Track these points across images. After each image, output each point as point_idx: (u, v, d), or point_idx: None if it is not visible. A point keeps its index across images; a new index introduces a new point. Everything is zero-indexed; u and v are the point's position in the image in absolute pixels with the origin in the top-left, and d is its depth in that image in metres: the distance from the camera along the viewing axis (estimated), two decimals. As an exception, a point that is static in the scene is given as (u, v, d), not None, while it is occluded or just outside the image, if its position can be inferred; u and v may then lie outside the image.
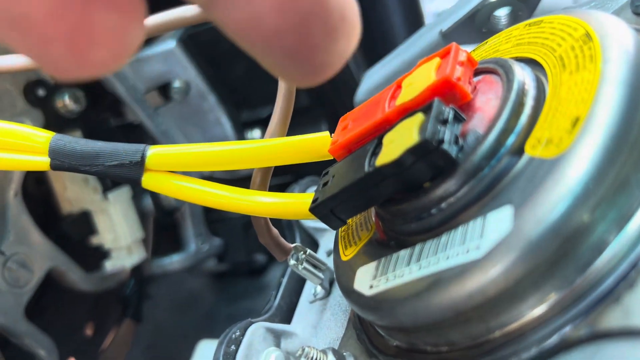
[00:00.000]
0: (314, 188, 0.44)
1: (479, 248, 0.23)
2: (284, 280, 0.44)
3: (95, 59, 0.18)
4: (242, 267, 0.64)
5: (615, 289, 0.22)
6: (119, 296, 0.59)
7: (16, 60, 0.41)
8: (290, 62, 0.20)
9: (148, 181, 0.35)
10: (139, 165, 0.35)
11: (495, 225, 0.23)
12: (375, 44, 0.67)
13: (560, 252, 0.22)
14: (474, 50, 0.35)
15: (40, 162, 0.36)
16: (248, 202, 0.34)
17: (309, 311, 0.41)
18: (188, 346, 0.59)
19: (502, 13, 0.43)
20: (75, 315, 0.57)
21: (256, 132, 0.61)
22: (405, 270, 0.26)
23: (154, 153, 0.35)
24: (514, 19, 0.42)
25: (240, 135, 0.61)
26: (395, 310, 0.26)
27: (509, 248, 0.22)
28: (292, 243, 0.50)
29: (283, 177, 0.63)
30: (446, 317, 0.24)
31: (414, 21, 0.69)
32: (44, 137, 0.36)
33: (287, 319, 0.42)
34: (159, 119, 0.56)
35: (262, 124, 0.61)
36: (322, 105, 0.55)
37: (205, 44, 0.60)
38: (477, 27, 0.43)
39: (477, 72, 0.30)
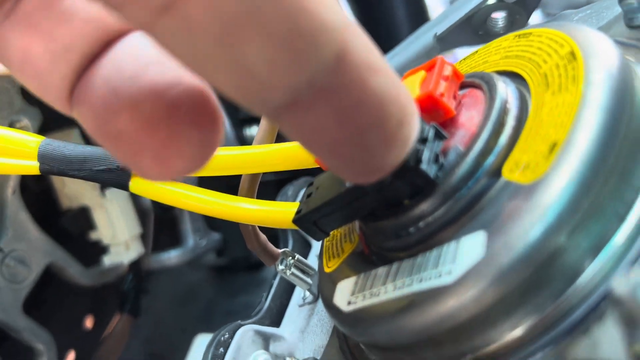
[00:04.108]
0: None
1: (450, 273, 0.23)
2: (275, 282, 0.44)
3: (179, 169, 0.19)
4: (240, 262, 0.64)
5: (585, 319, 0.21)
6: (117, 290, 0.59)
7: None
8: (346, 166, 0.20)
9: (135, 186, 0.36)
10: (126, 170, 0.35)
11: (468, 250, 0.23)
12: (379, 40, 0.66)
13: (532, 281, 0.22)
14: (464, 59, 0.34)
15: (30, 166, 0.36)
16: (234, 209, 0.35)
17: (298, 315, 0.41)
18: (186, 340, 0.60)
19: (499, 16, 0.42)
20: (74, 309, 0.58)
21: (254, 129, 0.60)
22: (381, 289, 0.26)
23: (141, 159, 0.35)
24: (511, 22, 0.42)
25: (238, 132, 0.61)
26: (370, 329, 0.26)
27: (480, 275, 0.22)
28: (287, 242, 0.50)
29: (281, 173, 0.63)
30: (419, 339, 0.24)
31: (418, 17, 0.68)
32: (34, 141, 0.36)
33: (277, 322, 0.43)
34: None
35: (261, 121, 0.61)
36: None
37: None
38: (473, 29, 0.42)
39: (463, 86, 0.30)
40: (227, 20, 0.15)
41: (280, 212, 0.34)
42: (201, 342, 0.58)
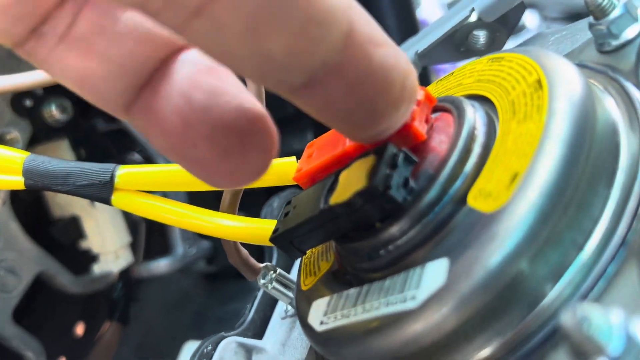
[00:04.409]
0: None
1: (414, 298, 0.23)
2: (259, 294, 0.45)
3: (247, 181, 0.23)
4: (231, 270, 0.64)
5: (542, 346, 0.22)
6: (108, 298, 0.60)
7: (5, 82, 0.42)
8: (358, 130, 0.24)
9: (118, 200, 0.36)
10: (109, 184, 0.36)
11: (431, 276, 0.23)
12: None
13: (492, 307, 0.22)
14: (440, 80, 0.35)
15: (16, 181, 0.37)
16: (214, 225, 0.35)
17: (280, 327, 0.42)
18: (176, 347, 0.60)
19: (480, 33, 0.42)
20: (64, 317, 0.59)
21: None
22: (351, 310, 0.27)
23: (123, 173, 0.36)
24: (492, 39, 0.42)
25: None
26: (340, 350, 0.27)
27: (441, 301, 0.23)
28: (272, 255, 0.50)
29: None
30: (385, 361, 0.25)
31: (409, 28, 0.68)
32: (20, 157, 0.37)
33: (260, 333, 0.43)
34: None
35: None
36: (308, 114, 0.54)
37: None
38: (455, 46, 0.43)
39: (436, 109, 0.30)
40: (249, 17, 0.18)
41: (259, 228, 0.34)
42: (190, 349, 0.58)
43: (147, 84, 0.22)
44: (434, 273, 0.23)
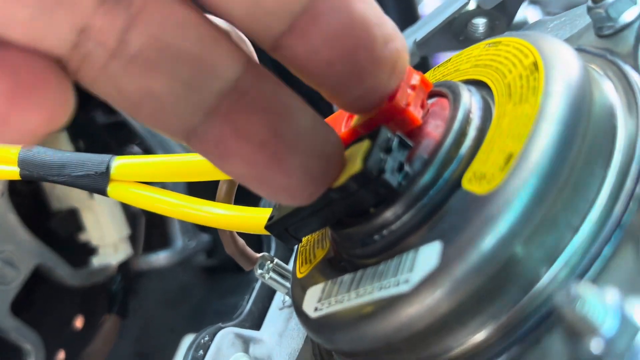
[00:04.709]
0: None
1: (408, 282, 0.23)
2: (257, 285, 0.45)
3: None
4: (230, 263, 0.64)
5: (536, 329, 0.22)
6: (107, 291, 0.60)
7: None
8: (341, 88, 0.23)
9: (114, 191, 0.36)
10: (104, 175, 0.36)
11: (424, 260, 0.23)
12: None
13: (486, 290, 0.22)
14: (438, 67, 0.35)
15: (11, 171, 0.36)
16: (210, 215, 0.35)
17: (278, 318, 0.42)
18: (175, 340, 0.60)
19: (479, 21, 0.42)
20: (63, 310, 0.59)
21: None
22: (345, 296, 0.27)
23: (119, 164, 0.36)
24: (491, 28, 0.42)
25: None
26: (333, 336, 0.26)
27: (434, 284, 0.22)
28: (270, 245, 0.50)
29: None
30: (379, 346, 0.25)
31: (410, 20, 0.68)
32: (15, 147, 0.36)
33: (258, 324, 0.43)
34: (146, 119, 0.57)
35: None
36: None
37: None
38: (454, 35, 0.43)
39: (433, 94, 0.30)
40: None
41: (254, 218, 0.34)
42: (189, 343, 0.58)
43: (216, 110, 0.21)
44: (427, 256, 0.23)
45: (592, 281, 0.22)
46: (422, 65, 0.56)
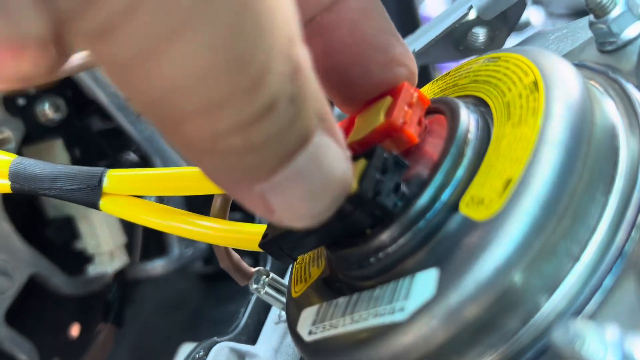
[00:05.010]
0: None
1: (403, 310, 0.23)
2: (253, 298, 0.44)
3: None
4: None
5: (535, 362, 0.21)
6: (103, 299, 0.59)
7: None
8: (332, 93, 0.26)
9: (106, 205, 0.35)
10: (97, 189, 0.35)
11: (420, 287, 0.23)
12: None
13: (483, 320, 0.21)
14: (436, 80, 0.34)
15: (1, 185, 0.36)
16: (203, 230, 0.34)
17: (273, 332, 0.41)
18: (172, 348, 0.60)
19: (479, 31, 0.41)
20: (58, 319, 0.58)
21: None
22: (340, 321, 0.26)
23: (111, 177, 0.35)
24: (492, 38, 0.41)
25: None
26: (327, 361, 0.26)
27: (430, 314, 0.22)
28: (266, 258, 0.49)
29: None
30: (374, 374, 0.24)
31: (410, 25, 0.67)
32: (6, 160, 0.36)
33: (253, 338, 0.43)
34: (142, 125, 0.56)
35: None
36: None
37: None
38: (454, 45, 0.42)
39: (430, 111, 0.29)
40: None
41: (248, 234, 0.33)
42: (186, 351, 0.57)
43: None
44: (423, 283, 0.22)
45: (592, 314, 0.21)
46: (422, 74, 0.55)
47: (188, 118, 0.18)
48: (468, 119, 0.26)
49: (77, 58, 0.31)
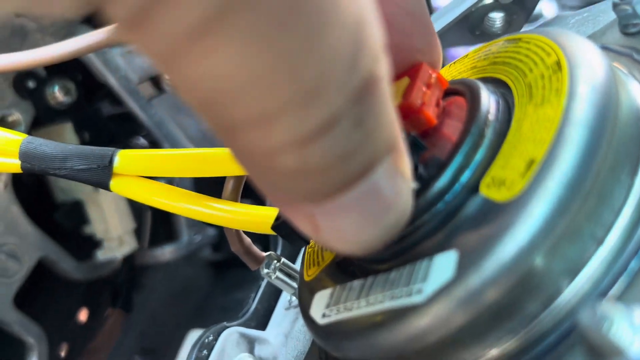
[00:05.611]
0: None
1: (421, 292, 0.22)
2: (263, 283, 0.44)
3: None
4: (237, 257, 0.64)
5: (557, 347, 0.21)
6: (111, 284, 0.59)
7: (6, 60, 0.41)
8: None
9: (117, 186, 0.35)
10: (107, 169, 0.35)
11: (439, 270, 0.22)
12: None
13: (504, 303, 0.21)
14: (454, 63, 0.33)
15: (12, 164, 0.35)
16: (215, 212, 0.34)
17: (284, 318, 0.41)
18: (180, 334, 0.60)
19: (496, 15, 0.41)
20: (66, 303, 0.58)
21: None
22: (354, 303, 0.25)
23: (122, 157, 0.35)
24: (509, 22, 0.40)
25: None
26: (342, 344, 0.25)
27: (449, 296, 0.21)
28: (277, 243, 0.49)
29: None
30: (389, 357, 0.24)
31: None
32: (16, 139, 0.35)
33: (264, 324, 0.42)
34: (152, 110, 0.56)
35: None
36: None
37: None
38: (470, 29, 0.41)
39: (449, 92, 0.29)
40: None
41: (261, 217, 0.33)
42: (194, 338, 0.57)
43: None
44: (442, 266, 0.22)
45: (616, 298, 0.20)
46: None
47: (241, 127, 0.16)
48: (488, 100, 0.26)
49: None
